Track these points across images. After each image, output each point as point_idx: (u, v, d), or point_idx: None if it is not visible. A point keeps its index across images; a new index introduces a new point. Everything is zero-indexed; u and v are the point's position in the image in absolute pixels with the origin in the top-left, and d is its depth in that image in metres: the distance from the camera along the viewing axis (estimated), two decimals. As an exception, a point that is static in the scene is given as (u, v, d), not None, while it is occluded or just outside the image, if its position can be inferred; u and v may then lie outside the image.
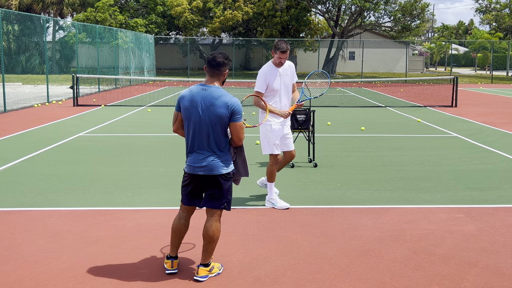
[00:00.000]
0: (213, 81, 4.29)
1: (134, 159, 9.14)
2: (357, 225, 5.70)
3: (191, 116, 4.20)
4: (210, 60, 4.30)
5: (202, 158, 4.23)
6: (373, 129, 13.05)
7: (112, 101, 20.26)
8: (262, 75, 6.15)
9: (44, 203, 6.47)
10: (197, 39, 47.64)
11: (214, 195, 4.30)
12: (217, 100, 4.16)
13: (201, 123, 4.18)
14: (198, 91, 4.22)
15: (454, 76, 19.56)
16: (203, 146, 4.23)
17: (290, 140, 6.49)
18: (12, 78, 26.97)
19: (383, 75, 46.47)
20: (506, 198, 6.85)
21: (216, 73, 4.29)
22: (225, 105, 4.16)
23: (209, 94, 4.19)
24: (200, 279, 4.28)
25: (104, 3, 42.24)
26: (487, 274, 4.45)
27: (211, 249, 4.34)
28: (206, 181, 4.28)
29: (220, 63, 4.28)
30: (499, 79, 41.66)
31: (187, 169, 4.32)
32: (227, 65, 4.34)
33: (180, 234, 4.41)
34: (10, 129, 12.46)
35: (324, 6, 43.44)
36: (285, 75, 6.24)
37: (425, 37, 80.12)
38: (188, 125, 4.25)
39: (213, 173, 4.23)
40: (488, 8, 49.79)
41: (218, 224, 4.35)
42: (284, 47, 6.02)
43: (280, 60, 6.10)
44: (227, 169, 4.29)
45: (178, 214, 4.45)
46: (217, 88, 4.24)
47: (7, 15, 19.53)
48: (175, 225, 4.41)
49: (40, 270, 4.46)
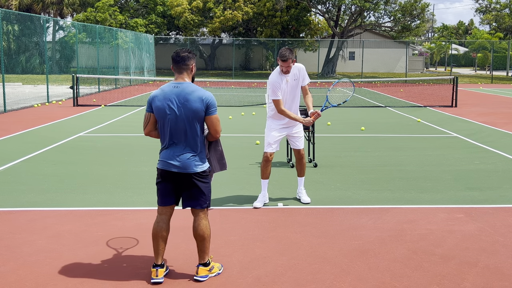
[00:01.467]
0: (183, 77, 4.24)
1: (134, 159, 9.14)
2: (357, 225, 5.70)
3: (165, 115, 4.15)
4: (174, 57, 4.25)
5: (177, 155, 4.16)
6: (373, 129, 13.05)
7: (112, 101, 20.26)
8: (270, 84, 6.20)
9: (44, 203, 6.47)
10: (197, 39, 47.65)
11: (192, 194, 4.24)
12: (191, 96, 4.12)
13: (177, 121, 4.13)
14: (170, 89, 4.18)
15: (454, 76, 19.56)
16: (179, 143, 4.17)
17: (299, 139, 6.52)
18: (12, 78, 26.96)
19: (383, 75, 46.46)
20: (506, 198, 6.85)
21: (184, 68, 4.24)
22: (199, 100, 4.13)
23: (182, 90, 4.15)
24: (200, 279, 4.27)
25: (104, 3, 42.24)
26: (487, 274, 4.45)
27: (205, 248, 4.31)
28: (181, 179, 4.20)
29: (184, 57, 4.23)
30: (499, 79, 41.66)
31: (160, 165, 4.23)
32: (192, 59, 4.28)
33: (162, 239, 4.26)
34: (10, 129, 12.46)
35: (324, 6, 43.43)
36: (292, 80, 6.25)
37: (425, 37, 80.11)
38: (163, 124, 4.19)
39: (187, 171, 4.17)
40: (488, 8, 49.77)
41: (205, 221, 4.29)
42: (284, 55, 6.00)
43: (282, 68, 6.11)
44: (202, 167, 4.23)
45: (156, 218, 4.31)
46: (188, 84, 4.20)
47: (7, 15, 19.53)
48: (156, 230, 4.25)
49: (40, 270, 4.46)
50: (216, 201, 6.60)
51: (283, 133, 6.43)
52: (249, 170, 8.39)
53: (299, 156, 6.60)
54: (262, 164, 6.44)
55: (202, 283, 4.23)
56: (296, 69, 6.28)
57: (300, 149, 6.55)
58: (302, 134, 6.57)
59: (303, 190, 6.69)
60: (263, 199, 6.45)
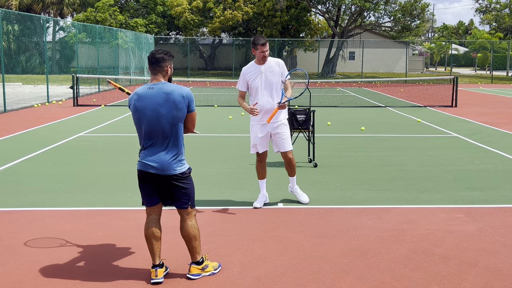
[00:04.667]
0: (158, 78, 4.20)
1: (134, 159, 9.13)
2: (357, 225, 5.70)
3: (142, 117, 4.12)
4: (150, 58, 4.22)
5: (154, 156, 4.13)
6: (373, 129, 13.05)
7: (112, 101, 20.26)
8: (242, 75, 6.12)
9: (44, 203, 6.47)
10: (197, 39, 47.66)
11: (172, 195, 4.21)
12: (172, 95, 4.09)
13: (154, 122, 4.09)
14: (145, 91, 4.14)
15: (454, 76, 19.56)
16: (156, 143, 4.13)
17: (285, 140, 6.18)
18: (12, 78, 26.96)
19: (383, 75, 46.46)
20: (506, 198, 6.85)
21: (158, 70, 4.20)
22: (181, 97, 4.10)
23: (159, 91, 4.11)
24: (191, 277, 4.27)
25: (104, 3, 42.25)
26: (487, 274, 4.45)
27: (194, 247, 4.28)
28: (160, 180, 4.17)
29: (159, 59, 4.19)
30: (499, 79, 41.65)
31: (139, 166, 4.19)
32: (168, 61, 4.22)
33: (155, 239, 4.24)
34: (10, 129, 12.46)
35: (324, 6, 43.44)
36: (269, 72, 6.01)
37: (425, 37, 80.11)
38: (140, 126, 4.17)
39: (165, 173, 4.13)
40: (488, 8, 49.78)
41: (190, 222, 4.27)
42: (263, 40, 5.89)
43: (263, 54, 5.91)
44: (182, 168, 4.19)
45: (146, 220, 4.29)
46: (164, 83, 4.16)
47: (7, 15, 19.53)
48: (147, 231, 4.24)
49: (40, 270, 4.46)
50: (216, 201, 6.61)
51: (265, 131, 6.12)
52: (249, 170, 8.39)
53: (287, 159, 6.31)
54: (256, 165, 6.38)
55: (202, 283, 4.23)
56: (274, 62, 6.07)
57: (287, 152, 6.23)
58: (286, 135, 6.19)
59: (297, 189, 6.53)
60: (263, 199, 6.40)
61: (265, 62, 6.03)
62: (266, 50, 5.92)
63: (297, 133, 8.93)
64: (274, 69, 6.06)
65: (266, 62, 6.04)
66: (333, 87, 31.23)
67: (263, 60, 6.01)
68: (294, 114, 8.57)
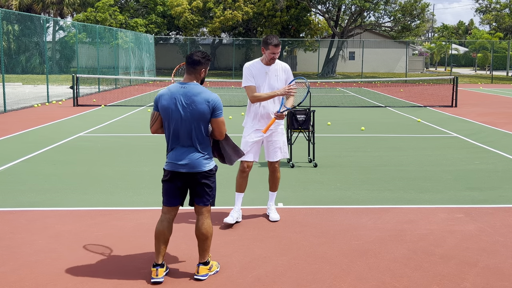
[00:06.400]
0: (191, 78, 4.24)
1: (134, 159, 9.14)
2: (357, 225, 5.70)
3: (171, 115, 4.17)
4: (188, 57, 4.25)
5: (184, 156, 4.19)
6: (373, 129, 13.05)
7: (112, 101, 20.26)
8: (247, 69, 5.56)
9: (44, 203, 6.47)
10: (197, 39, 47.65)
11: (198, 192, 4.28)
12: (197, 97, 4.14)
13: (183, 121, 4.14)
14: (177, 89, 4.18)
15: (454, 76, 19.56)
16: (185, 143, 4.20)
17: (278, 149, 5.73)
18: (12, 78, 26.96)
19: (383, 75, 46.46)
20: (506, 198, 6.85)
21: (192, 71, 4.24)
22: (205, 102, 4.14)
23: (188, 91, 4.16)
24: (201, 278, 4.28)
25: (104, 3, 42.24)
26: (487, 274, 4.45)
27: (207, 247, 4.33)
28: (188, 179, 4.24)
29: (195, 61, 4.22)
30: (499, 79, 41.65)
31: (168, 167, 4.25)
32: (204, 64, 4.25)
33: (164, 239, 4.27)
34: (10, 129, 12.45)
35: (324, 6, 43.43)
36: (273, 76, 5.57)
37: (425, 37, 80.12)
38: (169, 124, 4.21)
39: (195, 170, 4.20)
40: (488, 8, 49.79)
41: (209, 221, 4.33)
42: (276, 40, 5.41)
43: (272, 56, 5.45)
44: (209, 166, 4.27)
45: (160, 217, 4.32)
46: (195, 85, 4.20)
47: (7, 15, 19.53)
48: (158, 229, 4.27)
49: (40, 270, 4.46)
50: (216, 201, 6.59)
51: (259, 136, 5.65)
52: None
53: (272, 168, 5.83)
54: (238, 175, 5.71)
55: (202, 283, 4.24)
56: (280, 66, 5.64)
57: (274, 162, 5.79)
58: (280, 144, 5.72)
59: (272, 206, 5.92)
60: (236, 214, 5.67)
61: (271, 64, 5.58)
62: (278, 52, 5.46)
63: (297, 133, 8.93)
64: (279, 74, 5.62)
65: (273, 65, 5.60)
66: (333, 87, 31.23)
67: (270, 62, 5.55)
68: (294, 114, 8.57)
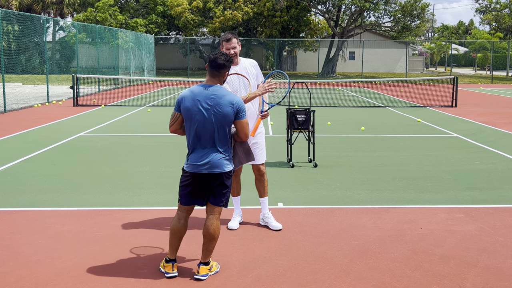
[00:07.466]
0: (214, 81, 4.30)
1: (134, 159, 9.14)
2: (357, 225, 5.70)
3: (193, 117, 4.21)
4: (211, 60, 4.29)
5: (206, 157, 4.23)
6: (373, 129, 13.05)
7: (112, 101, 20.26)
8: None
9: (44, 203, 6.47)
10: (197, 39, 47.65)
11: (216, 192, 4.32)
12: (222, 99, 4.19)
13: (205, 123, 4.19)
14: (200, 91, 4.23)
15: (454, 76, 19.56)
16: (207, 145, 4.24)
17: (262, 151, 5.48)
18: (12, 78, 26.97)
19: (383, 75, 46.46)
20: (506, 198, 6.85)
21: (216, 74, 4.29)
22: (230, 104, 4.19)
23: (212, 93, 4.20)
24: (201, 278, 4.29)
25: (104, 3, 42.25)
26: (487, 274, 4.45)
27: (212, 248, 4.36)
28: (208, 179, 4.28)
29: (220, 65, 4.27)
30: (499, 79, 41.65)
31: (190, 168, 4.29)
32: (228, 68, 4.32)
33: (179, 236, 4.37)
34: (10, 129, 12.46)
35: (324, 6, 43.44)
36: (245, 74, 5.27)
37: (425, 37, 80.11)
38: (191, 126, 4.25)
39: (217, 171, 4.25)
40: (488, 8, 49.78)
41: (218, 222, 4.37)
42: (229, 35, 5.12)
43: (229, 51, 5.11)
44: (230, 167, 4.33)
45: (177, 215, 4.40)
46: (218, 87, 4.26)
47: (7, 15, 19.54)
48: (175, 226, 4.36)
49: (40, 270, 4.46)
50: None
51: None
52: (248, 169, 8.37)
53: (258, 173, 5.53)
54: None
55: (202, 283, 4.24)
56: (248, 63, 5.40)
57: (260, 165, 5.49)
58: (263, 145, 5.52)
59: (269, 214, 5.63)
60: (238, 218, 5.69)
61: (237, 63, 5.28)
62: (232, 46, 5.12)
63: (297, 133, 8.93)
64: (250, 70, 5.38)
65: (240, 63, 5.32)
66: (333, 87, 31.23)
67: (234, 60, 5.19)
68: (294, 114, 8.57)
